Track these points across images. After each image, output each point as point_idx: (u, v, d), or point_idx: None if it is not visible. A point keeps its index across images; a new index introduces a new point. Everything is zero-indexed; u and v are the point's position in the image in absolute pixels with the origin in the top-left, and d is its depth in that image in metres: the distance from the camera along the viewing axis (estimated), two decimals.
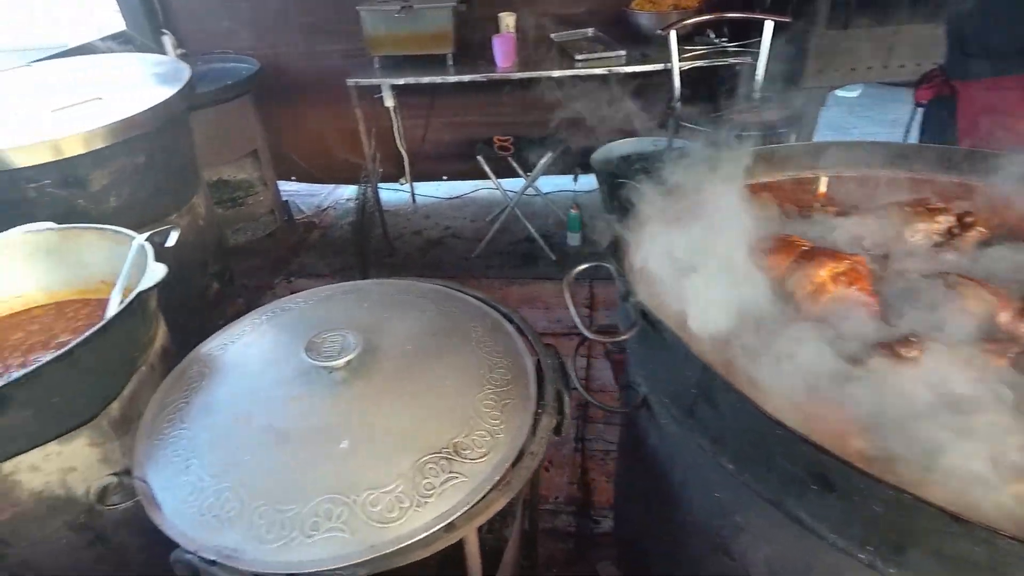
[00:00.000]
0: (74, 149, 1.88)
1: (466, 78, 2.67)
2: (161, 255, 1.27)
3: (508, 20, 2.87)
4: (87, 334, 1.05)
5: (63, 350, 1.01)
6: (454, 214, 3.62)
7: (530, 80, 2.70)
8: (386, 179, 3.69)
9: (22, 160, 1.82)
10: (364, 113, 2.99)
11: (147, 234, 1.34)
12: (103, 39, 3.34)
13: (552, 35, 2.98)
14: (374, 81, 2.85)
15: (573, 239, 3.10)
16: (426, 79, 2.74)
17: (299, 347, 1.02)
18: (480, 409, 0.98)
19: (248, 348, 1.15)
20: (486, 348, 1.11)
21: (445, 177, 3.74)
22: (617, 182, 2.90)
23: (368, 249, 3.16)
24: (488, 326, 1.17)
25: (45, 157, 1.85)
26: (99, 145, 1.93)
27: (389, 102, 3.38)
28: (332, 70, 3.41)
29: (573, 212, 3.00)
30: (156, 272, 1.21)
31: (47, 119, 1.88)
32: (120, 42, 3.36)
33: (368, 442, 0.92)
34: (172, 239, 1.39)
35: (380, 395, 1.00)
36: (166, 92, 2.15)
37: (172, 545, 0.85)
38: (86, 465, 1.11)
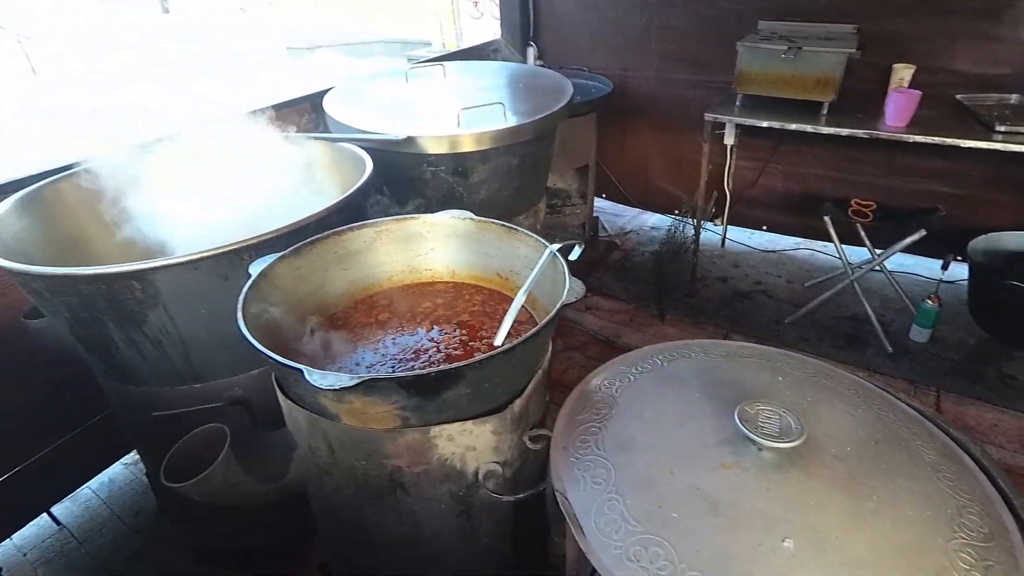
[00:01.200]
0: (470, 146, 2.11)
1: (844, 132, 2.42)
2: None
3: (904, 73, 2.54)
4: (525, 336, 1.10)
5: (507, 346, 1.08)
6: (767, 269, 3.36)
7: (910, 143, 2.34)
8: (685, 212, 3.59)
9: (433, 148, 2.10)
10: (710, 148, 2.91)
11: (558, 245, 1.40)
12: (480, 45, 3.78)
13: (958, 96, 2.56)
14: (738, 120, 2.73)
15: (920, 334, 2.63)
16: (793, 126, 2.54)
17: (720, 408, 0.96)
18: (956, 562, 0.81)
19: (654, 388, 1.13)
20: (946, 481, 0.92)
21: (765, 227, 3.50)
22: (997, 283, 2.40)
23: (668, 284, 3.09)
24: (939, 449, 0.98)
25: (447, 148, 2.10)
26: (489, 145, 2.14)
27: (729, 140, 3.26)
28: (679, 99, 3.41)
29: (930, 304, 2.55)
30: (576, 289, 1.24)
31: (456, 117, 2.12)
32: (491, 49, 3.77)
33: (816, 552, 0.82)
34: (576, 253, 1.44)
35: (823, 497, 0.89)
36: (552, 104, 2.31)
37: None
38: (483, 448, 1.18)
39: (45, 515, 2.19)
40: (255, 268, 1.34)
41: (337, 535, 1.45)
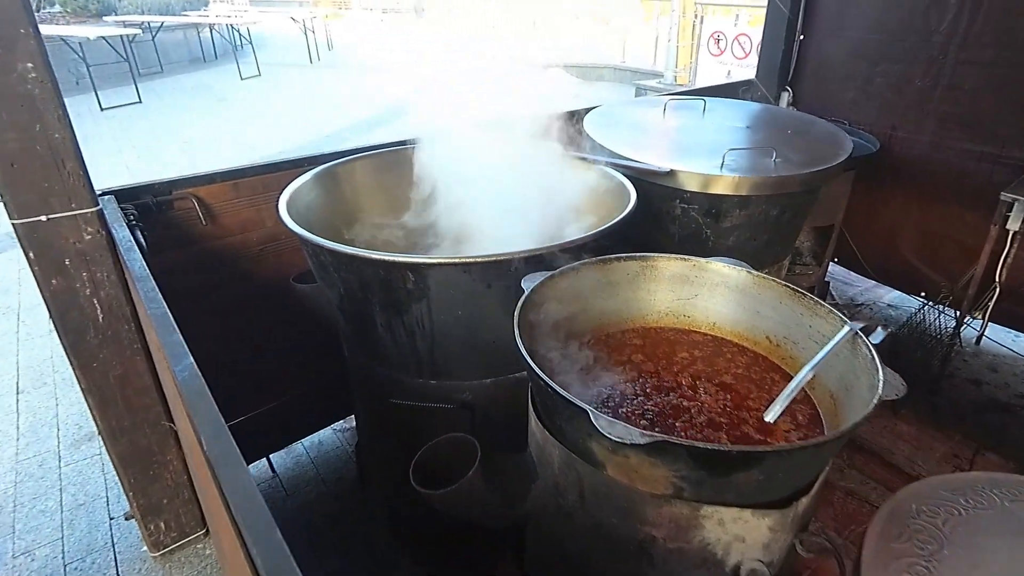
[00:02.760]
0: (731, 189, 1.96)
1: None
2: None
3: None
4: (837, 433, 0.94)
5: (817, 440, 0.92)
6: None
7: None
8: (935, 296, 3.08)
9: (692, 185, 1.98)
10: (997, 233, 2.46)
11: (861, 324, 1.21)
12: (733, 83, 3.60)
13: None
14: None
15: None
16: None
17: None
18: None
19: (1001, 535, 0.90)
20: None
21: None
22: None
23: (907, 374, 2.66)
24: None
25: (707, 188, 1.96)
26: (752, 192, 1.97)
27: (1015, 225, 2.74)
28: (953, 169, 2.95)
29: None
30: (895, 384, 1.05)
31: (721, 156, 1.98)
32: (743, 89, 3.56)
33: None
34: (878, 336, 1.23)
35: None
36: (828, 157, 2.08)
37: None
38: (753, 542, 1.03)
39: (264, 460, 2.42)
40: (528, 283, 1.31)
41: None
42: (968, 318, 3.12)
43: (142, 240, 1.65)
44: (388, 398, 1.67)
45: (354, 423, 2.64)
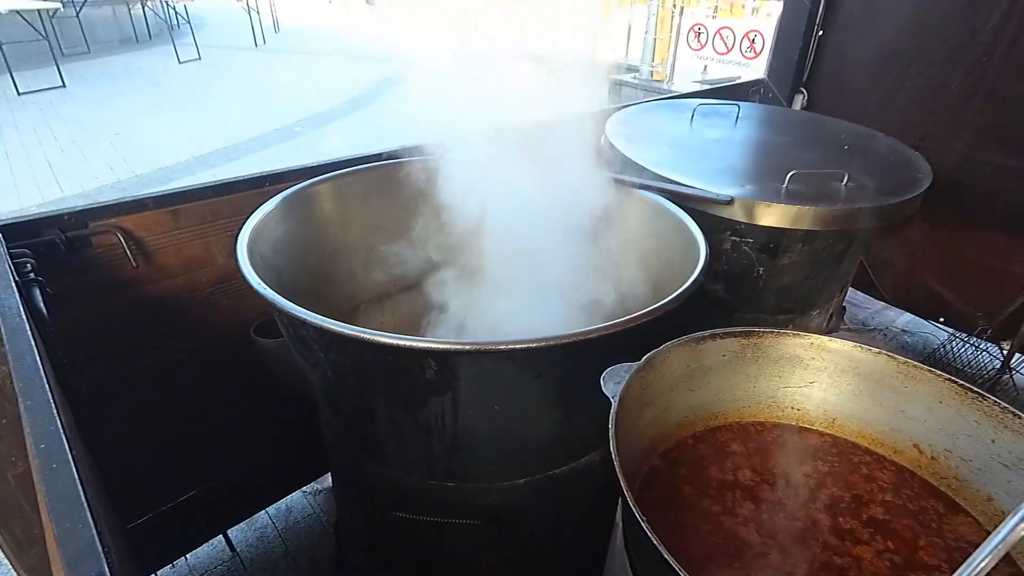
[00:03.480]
0: (800, 222, 1.62)
1: None
2: None
3: None
4: None
5: None
6: None
7: None
8: (964, 325, 2.87)
9: (751, 216, 1.63)
10: None
11: None
12: (742, 83, 3.28)
13: None
14: None
15: None
16: None
17: None
18: None
19: None
20: None
21: None
22: None
23: None
24: None
25: (769, 221, 1.62)
26: (818, 225, 1.64)
27: None
28: (988, 187, 2.70)
29: None
30: None
31: (783, 179, 1.64)
32: (753, 90, 3.25)
33: None
34: None
35: None
36: (909, 184, 1.77)
37: None
38: None
39: (220, 537, 1.96)
40: (613, 387, 0.92)
41: None
42: (988, 344, 2.91)
43: (39, 303, 1.17)
44: (386, 505, 1.25)
45: (328, 483, 2.21)
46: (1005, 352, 2.52)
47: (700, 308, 1.13)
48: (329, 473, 2.15)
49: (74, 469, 0.69)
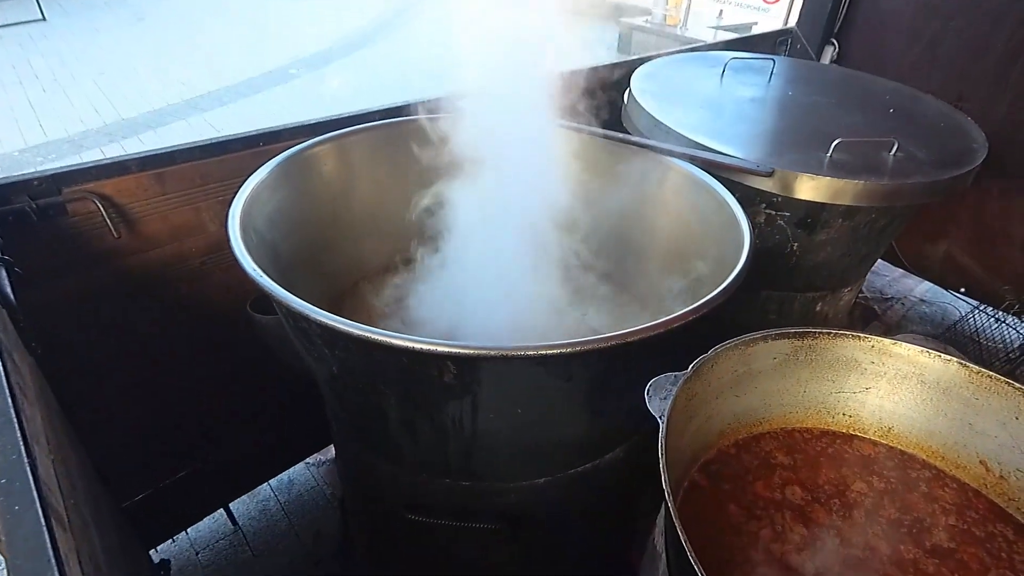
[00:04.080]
0: (845, 197, 1.48)
1: None
2: None
3: None
4: None
5: None
6: None
7: None
8: (988, 298, 2.77)
9: (791, 189, 1.49)
10: None
11: None
12: (769, 32, 3.05)
13: None
14: None
15: None
16: None
17: None
18: None
19: None
20: None
21: None
22: None
23: None
24: None
25: (810, 194, 1.49)
26: (863, 200, 1.50)
27: None
28: None
29: None
30: None
31: (828, 148, 1.50)
32: (780, 42, 3.03)
33: None
34: None
35: None
36: (964, 154, 1.63)
37: None
38: None
39: (222, 511, 1.90)
40: (660, 403, 0.82)
41: None
42: (1010, 317, 2.82)
43: (6, 288, 1.04)
44: (396, 503, 1.16)
45: (331, 454, 2.14)
46: None
47: None
48: (332, 445, 2.08)
49: None
